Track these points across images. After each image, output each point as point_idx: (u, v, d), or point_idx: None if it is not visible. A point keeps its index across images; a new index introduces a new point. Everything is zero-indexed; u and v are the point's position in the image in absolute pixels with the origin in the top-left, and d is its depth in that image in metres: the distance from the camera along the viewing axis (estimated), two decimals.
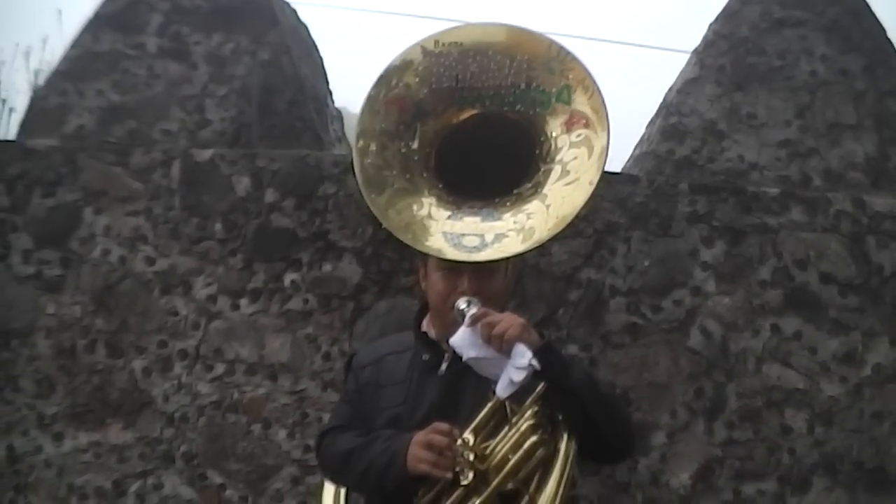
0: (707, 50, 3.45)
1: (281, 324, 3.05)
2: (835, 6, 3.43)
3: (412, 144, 2.14)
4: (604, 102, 2.04)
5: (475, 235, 2.01)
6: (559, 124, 2.09)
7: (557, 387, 1.84)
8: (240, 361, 3.04)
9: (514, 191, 2.09)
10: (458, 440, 1.84)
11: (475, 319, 1.86)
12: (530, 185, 2.07)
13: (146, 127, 3.33)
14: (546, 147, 2.09)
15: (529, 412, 1.85)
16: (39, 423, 3.04)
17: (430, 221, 2.05)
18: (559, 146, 2.07)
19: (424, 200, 2.08)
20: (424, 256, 2.09)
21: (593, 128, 2.03)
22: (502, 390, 1.83)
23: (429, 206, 2.07)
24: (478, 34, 2.17)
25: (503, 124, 2.14)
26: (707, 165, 3.29)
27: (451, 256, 1.99)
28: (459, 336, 1.87)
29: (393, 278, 3.03)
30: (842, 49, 3.39)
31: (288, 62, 3.43)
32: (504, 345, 1.82)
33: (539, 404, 1.85)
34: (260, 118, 3.34)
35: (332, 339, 3.03)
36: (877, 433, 2.97)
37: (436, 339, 2.04)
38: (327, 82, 3.83)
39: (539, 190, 2.05)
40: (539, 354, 1.81)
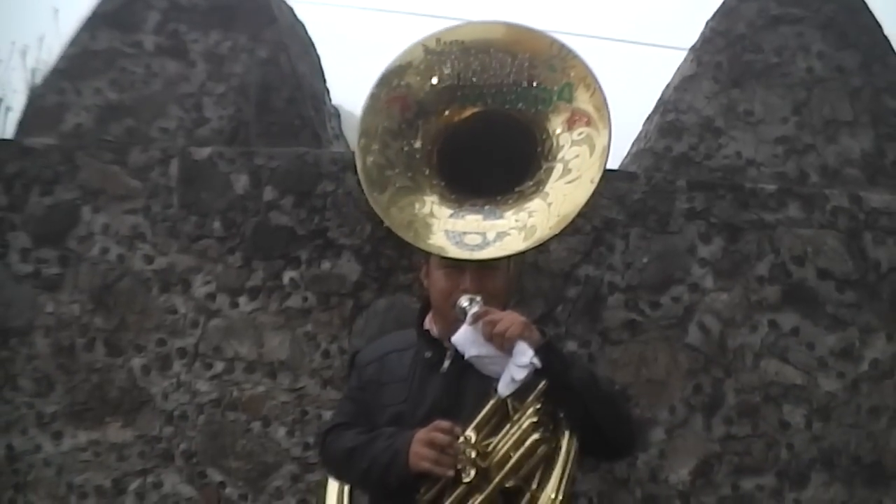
0: (704, 47, 3.46)
1: (280, 321, 3.05)
2: (831, 3, 3.45)
3: (414, 143, 2.13)
4: (605, 100, 2.04)
5: (477, 233, 2.01)
6: (561, 122, 2.08)
7: (559, 384, 1.85)
8: (239, 359, 3.04)
9: (516, 189, 2.08)
10: (460, 438, 1.84)
11: (477, 317, 1.86)
12: (532, 184, 2.07)
13: (144, 125, 3.33)
14: (548, 145, 2.08)
15: (531, 410, 1.85)
16: (38, 422, 3.04)
17: (432, 220, 2.04)
18: (561, 144, 2.07)
19: (426, 199, 2.08)
20: (426, 254, 2.08)
21: (595, 126, 2.03)
22: (504, 388, 1.83)
23: (431, 205, 2.07)
24: (479, 32, 2.16)
25: (505, 122, 2.14)
26: (704, 162, 3.30)
27: (453, 254, 1.99)
28: (461, 334, 1.88)
29: (392, 276, 3.04)
30: (838, 46, 3.40)
31: (285, 60, 3.43)
32: (505, 343, 1.82)
33: (540, 402, 1.85)
34: (258, 116, 3.34)
35: (332, 337, 3.03)
36: (874, 428, 2.99)
37: (438, 337, 2.04)
38: (324, 80, 3.83)
39: (541, 188, 2.04)
40: (540, 352, 1.81)
